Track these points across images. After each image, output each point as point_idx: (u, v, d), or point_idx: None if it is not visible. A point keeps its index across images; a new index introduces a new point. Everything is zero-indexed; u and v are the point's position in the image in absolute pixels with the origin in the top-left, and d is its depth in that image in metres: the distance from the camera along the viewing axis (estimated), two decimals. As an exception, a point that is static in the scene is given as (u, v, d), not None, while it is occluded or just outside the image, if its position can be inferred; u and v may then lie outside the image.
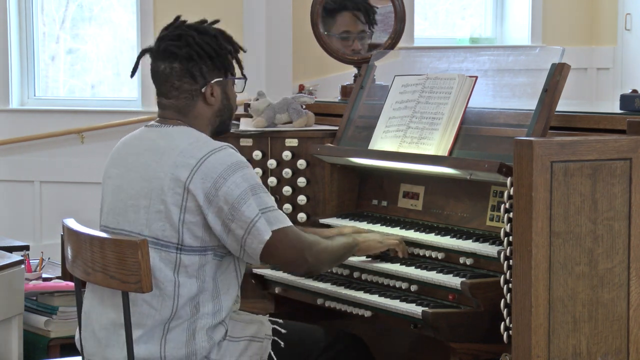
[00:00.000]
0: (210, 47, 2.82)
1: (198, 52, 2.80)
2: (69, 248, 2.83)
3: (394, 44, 3.76)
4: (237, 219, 2.69)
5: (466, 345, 2.80)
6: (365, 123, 3.39)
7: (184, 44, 2.80)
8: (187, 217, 2.69)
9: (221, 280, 2.77)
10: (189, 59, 2.80)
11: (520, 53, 3.17)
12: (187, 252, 2.71)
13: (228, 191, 2.68)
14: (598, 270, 2.61)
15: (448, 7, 7.53)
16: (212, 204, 2.68)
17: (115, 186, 2.82)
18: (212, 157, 2.70)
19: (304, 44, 5.64)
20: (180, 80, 2.81)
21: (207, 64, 2.81)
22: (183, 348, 2.71)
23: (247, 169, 2.73)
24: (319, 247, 2.82)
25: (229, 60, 2.87)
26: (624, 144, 2.63)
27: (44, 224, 6.32)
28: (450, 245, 2.95)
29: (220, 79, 2.84)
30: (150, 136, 2.82)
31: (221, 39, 2.86)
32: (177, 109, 2.83)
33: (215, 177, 2.68)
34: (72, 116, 6.30)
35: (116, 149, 2.91)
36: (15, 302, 3.94)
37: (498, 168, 2.78)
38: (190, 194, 2.68)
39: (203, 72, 2.81)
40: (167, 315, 2.71)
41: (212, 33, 2.86)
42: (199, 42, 2.81)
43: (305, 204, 3.45)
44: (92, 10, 6.67)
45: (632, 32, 7.49)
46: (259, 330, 2.85)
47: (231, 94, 2.90)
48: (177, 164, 2.70)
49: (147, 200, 2.72)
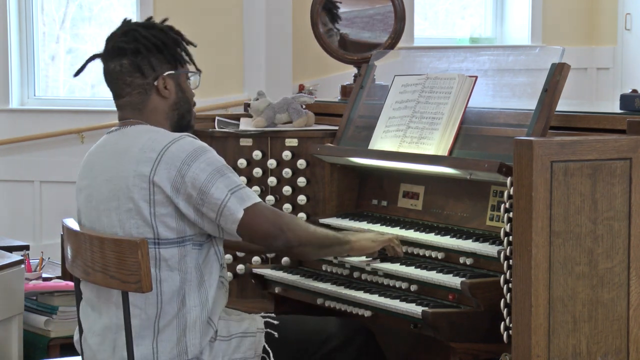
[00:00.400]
0: (157, 39, 2.81)
1: (145, 44, 2.79)
2: (69, 248, 2.83)
3: (394, 44, 3.76)
4: (207, 202, 2.69)
5: (466, 345, 2.80)
6: (365, 123, 3.39)
7: (131, 39, 2.80)
8: (157, 209, 2.69)
9: (204, 268, 2.77)
10: (137, 53, 2.79)
11: (520, 53, 3.17)
12: (165, 245, 2.71)
13: (194, 176, 2.68)
14: (598, 270, 2.61)
15: (448, 7, 7.53)
16: (180, 192, 2.68)
17: (86, 196, 2.84)
18: (173, 147, 2.70)
19: (304, 44, 5.64)
20: (131, 76, 2.81)
21: (156, 56, 2.81)
22: (175, 347, 2.71)
23: (209, 152, 2.73)
24: (298, 222, 2.82)
25: (179, 53, 2.85)
26: (624, 143, 2.63)
27: (44, 224, 6.32)
28: (450, 245, 2.95)
29: (172, 71, 2.83)
30: (111, 140, 2.83)
31: (169, 32, 2.85)
32: (132, 106, 2.83)
33: (179, 165, 2.68)
34: (72, 116, 6.30)
35: (83, 162, 2.92)
36: (15, 302, 3.94)
37: (498, 168, 2.78)
38: (156, 187, 2.68)
39: (153, 65, 2.80)
40: (154, 314, 2.71)
41: (159, 27, 2.86)
42: (146, 35, 2.80)
43: (305, 204, 3.45)
44: (92, 10, 6.67)
45: (632, 32, 7.49)
46: (250, 326, 2.84)
47: (186, 87, 2.88)
48: (138, 160, 2.70)
49: (115, 201, 2.73)
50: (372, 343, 2.98)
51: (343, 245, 2.95)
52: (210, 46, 5.68)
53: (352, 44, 3.90)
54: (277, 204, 3.49)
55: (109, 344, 2.75)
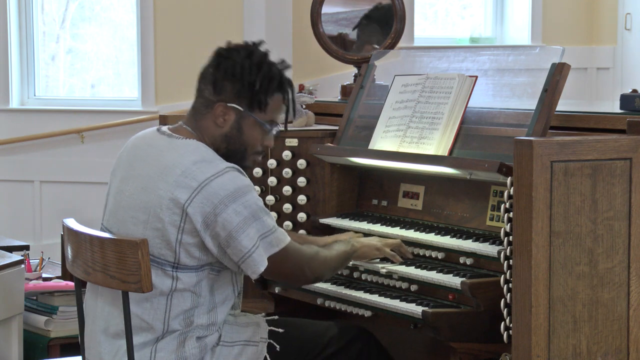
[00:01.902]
0: (242, 70, 2.72)
1: (228, 67, 2.72)
2: (69, 248, 2.83)
3: (394, 44, 3.76)
4: (232, 247, 2.65)
5: (466, 345, 2.80)
6: (365, 123, 3.39)
7: (227, 55, 2.74)
8: (184, 237, 2.66)
9: (218, 293, 2.75)
10: (218, 68, 2.74)
11: (520, 53, 3.17)
12: (183, 270, 2.68)
13: (227, 218, 2.63)
14: (598, 270, 2.61)
15: (448, 7, 7.53)
16: (209, 228, 2.64)
17: (118, 189, 2.79)
18: (215, 182, 2.64)
19: (304, 44, 5.64)
20: (205, 85, 2.76)
21: (232, 83, 2.73)
22: (173, 354, 2.70)
23: (248, 195, 2.66)
24: (318, 260, 2.81)
25: (258, 97, 2.74)
26: (624, 143, 2.63)
27: (44, 224, 6.32)
28: (450, 245, 2.95)
29: (240, 108, 2.74)
30: (158, 145, 2.76)
31: (265, 71, 2.75)
32: (194, 111, 2.78)
33: (216, 203, 2.63)
34: (72, 116, 6.30)
35: (125, 150, 2.84)
36: (15, 302, 3.94)
37: (498, 168, 2.78)
38: (188, 217, 2.64)
39: (224, 88, 2.73)
40: (160, 329, 2.70)
41: (257, 61, 2.75)
42: (237, 59, 2.73)
43: (305, 204, 3.45)
44: (92, 9, 6.67)
45: (632, 32, 7.49)
46: (254, 334, 2.82)
47: (247, 130, 2.76)
48: (178, 184, 2.65)
49: (145, 215, 2.69)
50: (374, 347, 2.97)
51: (351, 256, 2.98)
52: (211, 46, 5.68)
53: (352, 43, 3.90)
54: (277, 204, 3.49)
55: (107, 345, 2.74)
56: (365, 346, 2.92)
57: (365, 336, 2.95)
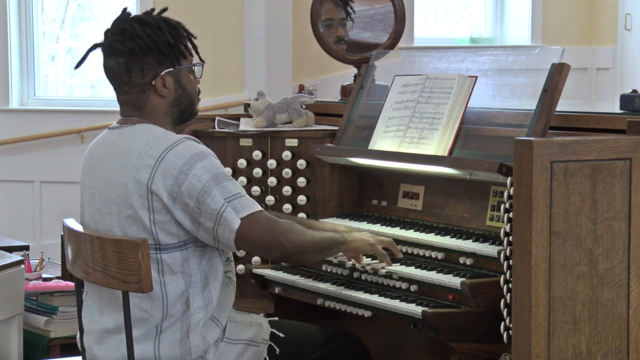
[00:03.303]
0: (152, 40, 2.76)
1: (141, 45, 2.75)
2: (69, 248, 2.83)
3: (394, 44, 3.76)
4: (204, 212, 2.66)
5: (466, 345, 2.80)
6: (365, 123, 3.39)
7: (127, 38, 2.76)
8: (157, 217, 2.67)
9: (208, 268, 2.76)
10: (133, 54, 2.75)
11: (520, 53, 3.17)
12: (167, 250, 2.70)
13: (190, 186, 2.65)
14: (598, 270, 2.61)
15: (448, 7, 7.53)
16: (176, 201, 2.66)
17: (89, 195, 2.82)
18: (170, 154, 2.67)
19: (304, 44, 5.64)
20: (129, 75, 2.77)
21: (153, 55, 2.76)
22: (177, 347, 2.71)
23: (207, 159, 2.69)
24: (295, 230, 2.77)
25: (178, 49, 2.80)
26: (623, 144, 2.63)
27: (44, 224, 6.32)
28: (450, 245, 2.95)
29: (170, 69, 2.78)
30: (111, 139, 2.81)
31: (165, 29, 2.80)
32: (131, 104, 2.81)
33: (176, 174, 2.65)
34: (72, 116, 6.30)
35: (84, 157, 2.89)
36: (15, 302, 3.94)
37: (498, 168, 2.78)
38: (154, 195, 2.66)
39: (150, 65, 2.76)
40: (160, 316, 2.70)
41: (155, 24, 2.80)
42: (141, 34, 2.76)
43: (305, 204, 3.45)
44: (92, 10, 6.67)
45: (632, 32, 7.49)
46: (257, 334, 2.83)
47: (186, 82, 2.82)
48: (137, 167, 2.68)
49: (116, 206, 2.71)
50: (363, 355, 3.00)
51: (340, 245, 2.94)
52: (211, 46, 5.68)
53: (352, 44, 3.90)
54: (277, 204, 3.49)
55: (111, 343, 2.75)
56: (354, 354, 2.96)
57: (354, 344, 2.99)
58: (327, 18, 3.86)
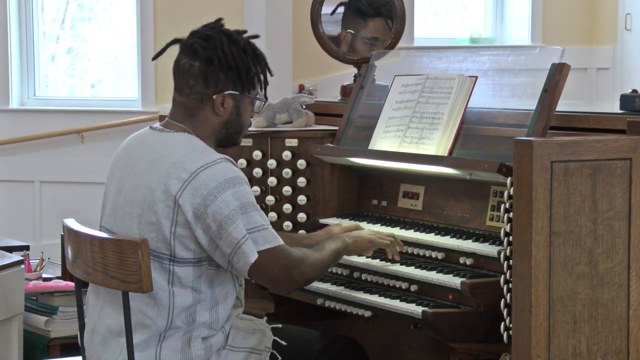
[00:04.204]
0: (233, 58, 2.75)
1: (220, 58, 2.74)
2: (69, 248, 2.83)
3: (394, 44, 3.76)
4: (224, 238, 2.64)
5: (466, 345, 2.80)
6: (365, 123, 3.39)
7: (210, 46, 2.75)
8: (178, 230, 2.66)
9: (219, 289, 2.74)
10: (209, 62, 2.74)
11: (520, 53, 3.17)
12: (180, 264, 2.68)
13: (217, 209, 2.63)
14: (598, 270, 2.61)
15: (448, 7, 7.53)
16: (199, 221, 2.64)
17: (116, 189, 2.80)
18: (205, 172, 2.65)
19: (304, 44, 5.64)
20: (195, 80, 2.76)
21: (226, 73, 2.75)
22: (178, 354, 2.70)
23: (239, 186, 2.66)
24: (307, 263, 2.76)
25: (251, 77, 2.79)
26: (623, 143, 2.63)
27: (44, 224, 6.32)
28: (450, 245, 2.95)
29: (236, 92, 2.78)
30: (150, 141, 2.78)
31: (250, 54, 2.79)
32: (186, 108, 2.79)
33: (205, 194, 2.63)
34: (72, 116, 6.30)
35: (120, 150, 2.87)
36: (15, 302, 3.94)
37: (498, 168, 2.78)
38: (180, 208, 2.64)
39: (219, 80, 2.75)
40: (163, 325, 2.69)
41: (242, 45, 2.79)
42: (225, 49, 2.75)
43: (305, 204, 3.45)
44: (92, 10, 6.67)
45: (632, 32, 7.49)
46: (259, 342, 2.82)
47: (244, 111, 2.82)
48: (169, 175, 2.66)
49: (140, 209, 2.70)
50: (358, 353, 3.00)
51: (343, 252, 2.94)
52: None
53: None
54: (277, 204, 3.49)
55: (114, 346, 2.74)
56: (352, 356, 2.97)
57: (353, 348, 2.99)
58: (374, 37, 3.80)
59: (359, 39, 3.79)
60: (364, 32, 3.80)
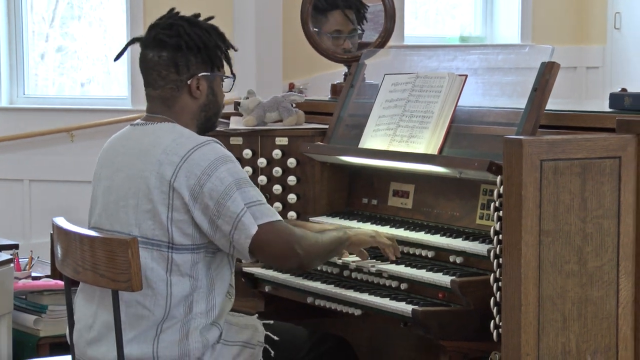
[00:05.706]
0: (199, 40, 2.80)
1: (187, 42, 2.78)
2: (59, 247, 2.82)
3: (384, 43, 3.76)
4: (222, 215, 2.66)
5: (456, 343, 2.80)
6: (355, 121, 3.39)
7: (174, 34, 2.79)
8: (175, 215, 2.68)
9: (215, 275, 2.76)
10: (177, 49, 2.78)
11: (510, 52, 3.17)
12: (179, 250, 2.69)
13: (212, 187, 2.66)
14: (587, 268, 2.62)
15: (438, 6, 7.54)
16: (197, 201, 2.66)
17: (105, 187, 2.81)
18: (196, 153, 2.68)
19: (294, 42, 5.64)
20: (167, 70, 2.79)
21: (195, 56, 2.79)
22: (176, 348, 2.70)
23: (231, 163, 2.71)
24: (309, 240, 2.78)
25: (218, 56, 2.84)
26: (613, 142, 2.64)
27: (34, 223, 6.31)
28: (440, 244, 2.95)
29: (207, 73, 2.82)
30: (135, 135, 2.82)
31: (213, 33, 2.84)
32: (162, 100, 2.81)
33: (199, 174, 2.66)
34: (62, 114, 6.29)
35: (103, 151, 2.90)
36: (4, 301, 3.93)
37: (488, 166, 2.79)
38: (175, 192, 2.67)
39: (190, 64, 2.79)
40: (161, 316, 2.69)
41: (204, 26, 2.85)
42: (189, 32, 2.80)
43: (295, 203, 3.45)
44: (81, 8, 6.66)
45: (621, 31, 7.52)
46: (252, 337, 2.83)
47: (218, 91, 2.87)
48: (161, 162, 2.69)
49: (135, 199, 2.71)
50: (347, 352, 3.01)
51: (344, 243, 2.94)
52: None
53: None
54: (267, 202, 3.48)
55: (109, 338, 2.73)
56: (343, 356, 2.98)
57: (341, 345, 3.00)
58: (336, 30, 3.81)
59: (323, 36, 3.80)
60: (326, 27, 3.81)
